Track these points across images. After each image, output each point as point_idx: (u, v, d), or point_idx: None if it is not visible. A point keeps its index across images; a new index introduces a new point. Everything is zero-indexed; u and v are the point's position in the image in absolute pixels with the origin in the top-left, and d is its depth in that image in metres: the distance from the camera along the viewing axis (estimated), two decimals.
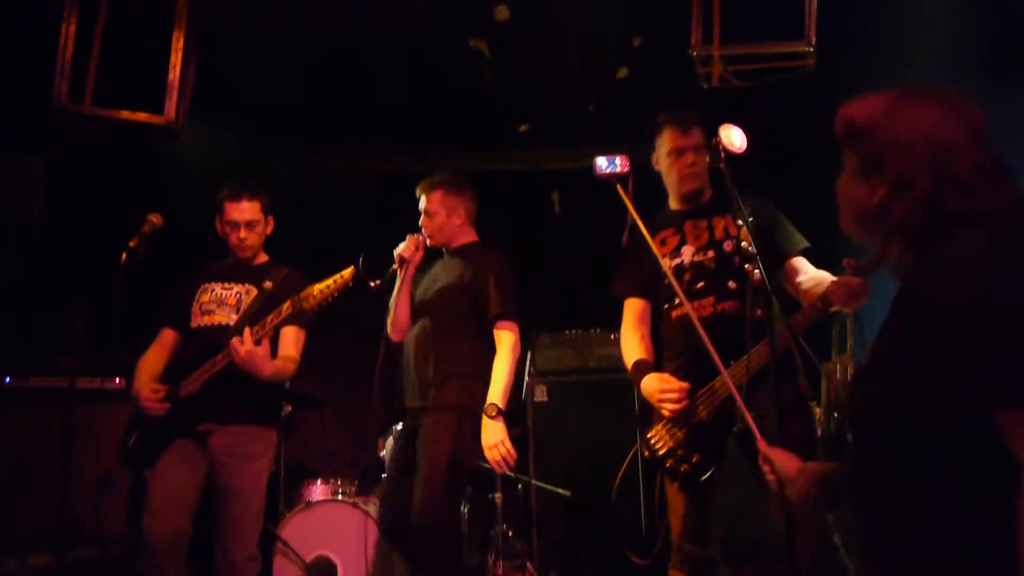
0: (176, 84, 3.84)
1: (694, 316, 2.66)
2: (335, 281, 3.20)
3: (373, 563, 3.73)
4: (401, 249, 3.56)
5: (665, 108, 3.18)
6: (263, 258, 3.65)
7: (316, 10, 4.44)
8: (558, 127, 5.70)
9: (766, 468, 1.92)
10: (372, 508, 4.28)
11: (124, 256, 3.32)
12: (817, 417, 3.83)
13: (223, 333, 3.33)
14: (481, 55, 4.89)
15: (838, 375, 4.39)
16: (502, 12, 4.53)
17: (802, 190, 3.01)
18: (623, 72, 5.11)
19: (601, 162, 2.83)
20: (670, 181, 3.06)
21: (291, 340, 3.46)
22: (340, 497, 4.37)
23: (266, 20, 4.40)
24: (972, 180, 1.43)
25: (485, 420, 3.28)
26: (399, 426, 4.58)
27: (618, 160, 2.82)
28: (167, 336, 3.55)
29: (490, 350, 3.48)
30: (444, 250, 3.69)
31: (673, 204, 3.10)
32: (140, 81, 3.85)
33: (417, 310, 3.61)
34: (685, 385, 2.79)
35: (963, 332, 1.32)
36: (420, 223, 3.63)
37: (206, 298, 3.50)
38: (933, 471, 1.36)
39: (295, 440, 5.54)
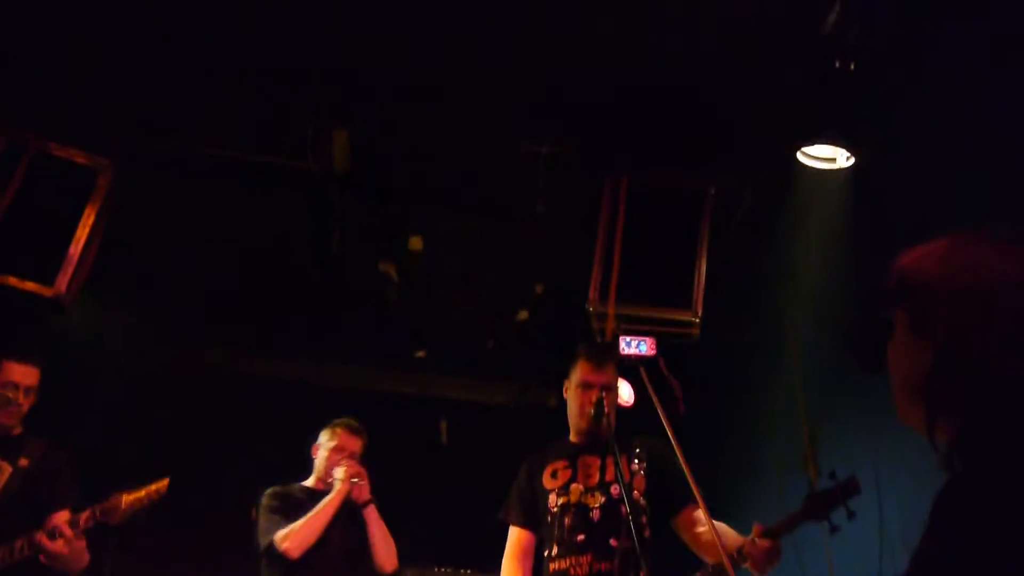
0: (75, 259, 3.76)
1: None
2: (147, 493, 3.00)
3: None
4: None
5: (558, 354, 3.28)
6: (17, 430, 3.28)
7: (235, 215, 4.55)
8: (454, 358, 5.80)
9: None
10: None
11: None
12: None
13: None
14: (388, 278, 5.04)
15: None
16: (416, 242, 4.74)
17: (696, 443, 3.08)
18: (524, 314, 5.32)
19: (625, 342, 2.67)
20: (571, 412, 3.07)
21: None
22: None
23: (187, 215, 4.47)
24: None
25: None
26: None
27: (645, 343, 2.69)
28: None
29: None
30: None
31: (572, 436, 3.10)
32: (38, 250, 3.76)
33: None
34: None
35: None
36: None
37: None
38: None
39: None
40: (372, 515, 3.50)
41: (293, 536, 3.35)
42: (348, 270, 4.97)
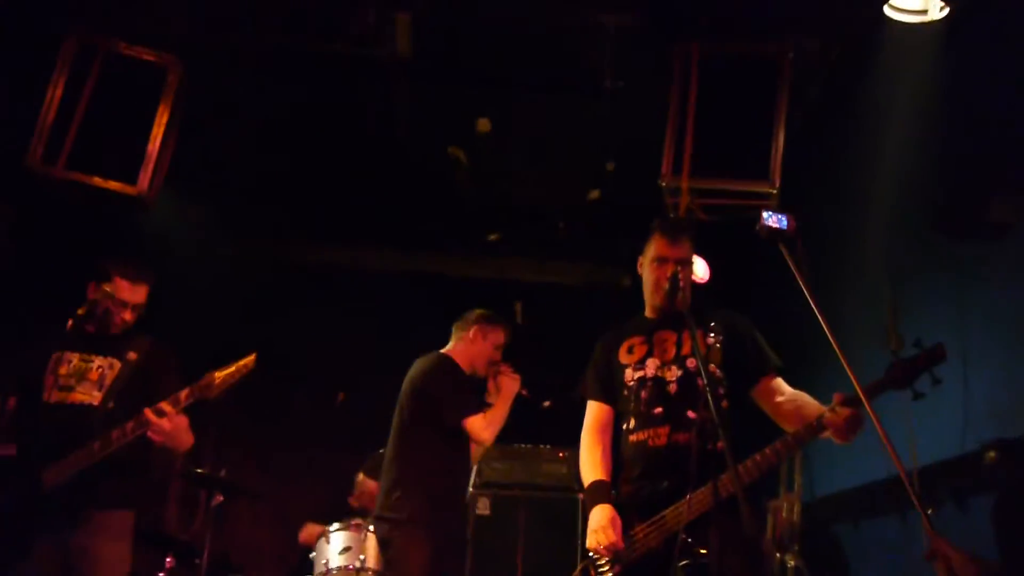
0: (154, 156, 3.85)
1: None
2: (237, 368, 3.09)
3: None
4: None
5: (632, 233, 3.24)
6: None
7: (302, 107, 4.55)
8: (526, 239, 5.81)
9: (938, 565, 1.75)
10: None
11: (70, 322, 3.22)
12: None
13: (86, 415, 3.12)
14: (458, 162, 5.02)
15: (784, 513, 4.36)
16: (484, 124, 4.68)
17: (767, 321, 3.06)
18: (595, 194, 5.26)
19: (768, 216, 2.61)
20: (647, 287, 3.06)
21: None
22: None
23: (254, 108, 4.49)
24: None
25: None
26: (333, 527, 4.42)
27: (786, 219, 2.70)
28: (9, 403, 3.21)
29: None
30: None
31: (648, 312, 3.10)
32: (118, 149, 3.86)
33: None
34: (620, 545, 2.74)
35: None
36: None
37: (64, 370, 3.21)
38: None
39: (223, 532, 5.29)
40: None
41: (495, 427, 3.63)
42: (417, 156, 4.96)
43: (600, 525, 2.77)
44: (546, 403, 4.11)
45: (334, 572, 4.30)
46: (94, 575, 3.07)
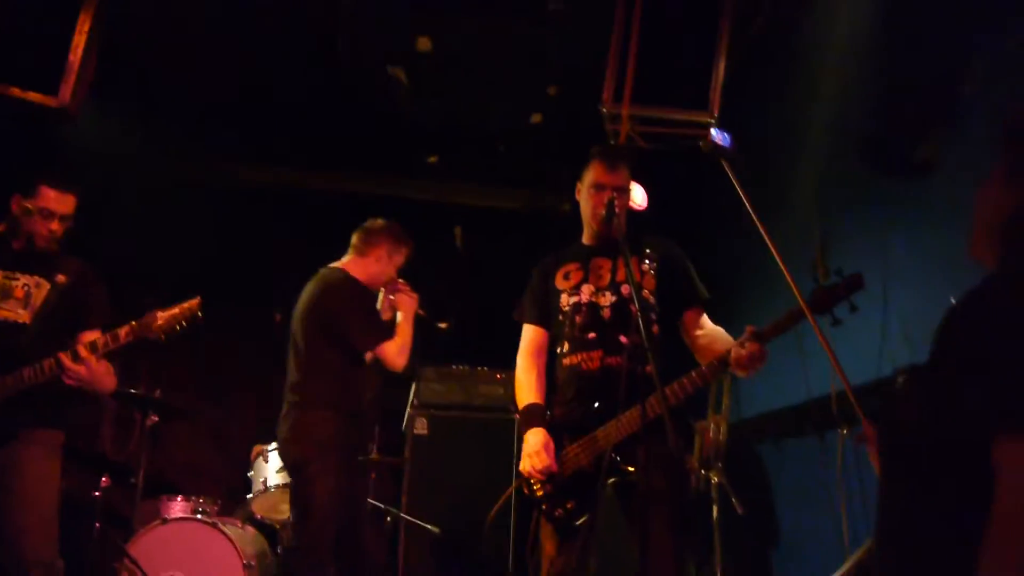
0: (75, 67, 3.67)
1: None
2: (181, 311, 3.08)
3: None
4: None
5: (572, 158, 3.25)
6: (54, 247, 3.29)
7: (240, 22, 4.36)
8: (467, 162, 5.76)
9: (871, 448, 1.83)
10: (231, 529, 4.12)
11: None
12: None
13: (12, 332, 3.08)
14: (398, 82, 4.91)
15: (711, 433, 4.55)
16: (424, 43, 4.57)
17: (693, 249, 3.13)
18: (537, 117, 5.22)
19: (715, 133, 2.73)
20: (584, 213, 3.10)
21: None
22: (199, 515, 4.18)
23: (183, 19, 4.30)
24: None
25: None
26: (271, 446, 4.46)
27: (729, 138, 2.75)
28: None
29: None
30: None
31: (585, 239, 3.14)
32: (40, 62, 3.66)
33: None
34: (553, 467, 2.84)
35: (978, 348, 1.23)
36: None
37: None
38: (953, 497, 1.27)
39: (160, 453, 5.28)
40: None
41: (407, 351, 3.58)
42: (357, 76, 4.83)
43: (534, 449, 2.86)
44: (443, 324, 4.06)
45: (272, 489, 4.36)
46: (22, 491, 3.05)
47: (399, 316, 3.70)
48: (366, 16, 4.40)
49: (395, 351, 3.54)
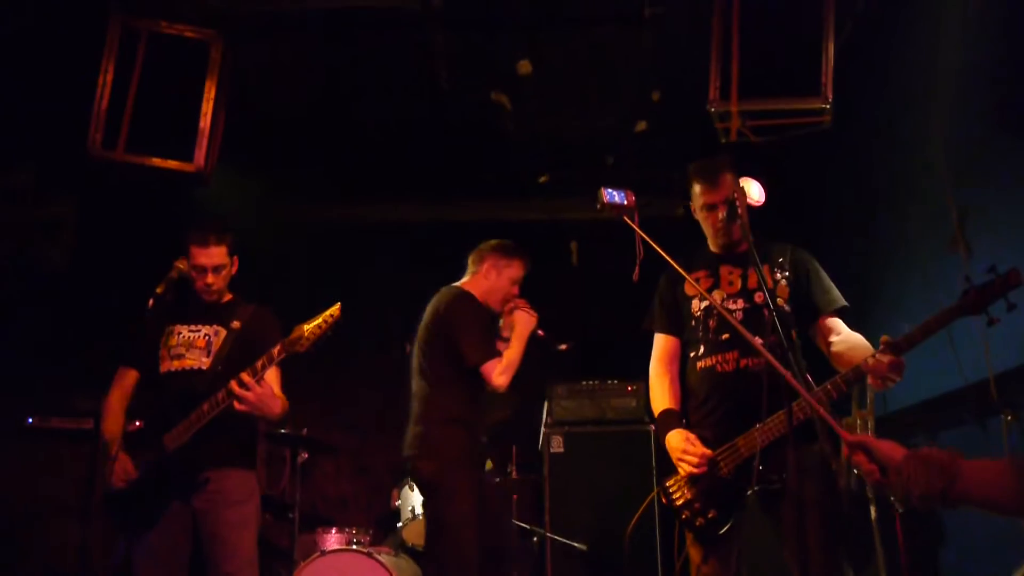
0: (206, 132, 3.93)
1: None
2: (324, 321, 3.14)
3: None
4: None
5: (682, 162, 3.20)
6: (227, 296, 3.51)
7: (344, 65, 4.56)
8: (576, 178, 5.77)
9: (859, 458, 1.76)
10: (386, 558, 4.25)
11: (151, 301, 3.34)
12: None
13: (197, 378, 3.28)
14: (502, 107, 4.99)
15: (858, 430, 4.35)
16: (524, 66, 4.63)
17: (823, 244, 3.02)
18: (642, 125, 5.18)
19: (609, 193, 2.78)
20: (707, 232, 3.08)
21: (275, 380, 3.36)
22: (354, 546, 4.34)
23: (297, 73, 4.53)
24: None
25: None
26: None
27: (624, 193, 2.78)
28: (130, 378, 3.40)
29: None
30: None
31: (712, 247, 3.12)
32: (171, 129, 3.95)
33: None
34: (708, 453, 2.78)
35: None
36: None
37: (174, 341, 3.38)
38: None
39: (310, 487, 5.53)
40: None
41: (511, 371, 3.45)
42: (461, 105, 4.95)
43: (681, 447, 2.82)
44: (563, 346, 3.96)
45: (420, 517, 4.47)
46: (225, 539, 3.20)
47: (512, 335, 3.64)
48: (466, 46, 4.51)
49: (499, 369, 3.43)
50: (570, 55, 4.67)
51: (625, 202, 2.73)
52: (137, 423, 3.31)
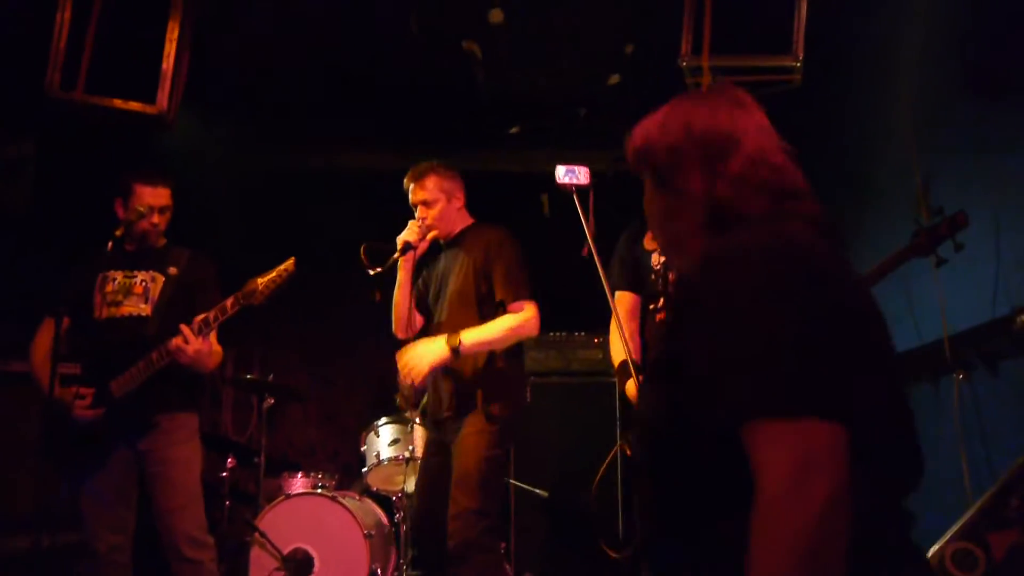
0: (169, 74, 3.82)
1: None
2: (279, 275, 3.20)
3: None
4: (405, 234, 3.41)
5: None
6: (162, 241, 3.54)
7: (313, 11, 4.45)
8: (548, 130, 5.74)
9: None
10: (350, 502, 4.30)
11: (110, 244, 3.33)
12: None
13: (139, 325, 3.32)
14: (473, 56, 4.92)
15: None
16: (496, 15, 4.55)
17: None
18: (615, 78, 5.14)
19: (560, 171, 2.79)
20: None
21: (212, 333, 3.37)
22: (319, 491, 4.38)
23: (263, 17, 4.41)
24: (749, 174, 1.35)
25: (435, 340, 3.19)
26: (381, 421, 4.62)
27: (579, 171, 2.79)
28: (63, 323, 3.30)
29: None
30: (442, 242, 3.57)
31: None
32: (134, 71, 3.84)
33: (434, 312, 3.51)
34: None
35: (706, 336, 1.21)
36: (418, 215, 3.47)
37: (109, 288, 3.39)
38: (696, 480, 1.24)
39: (277, 433, 5.55)
40: None
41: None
42: (431, 54, 4.86)
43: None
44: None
45: (385, 463, 4.53)
46: (169, 477, 3.28)
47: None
48: None
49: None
50: (542, 4, 4.60)
51: (579, 181, 2.73)
52: (74, 367, 3.29)
